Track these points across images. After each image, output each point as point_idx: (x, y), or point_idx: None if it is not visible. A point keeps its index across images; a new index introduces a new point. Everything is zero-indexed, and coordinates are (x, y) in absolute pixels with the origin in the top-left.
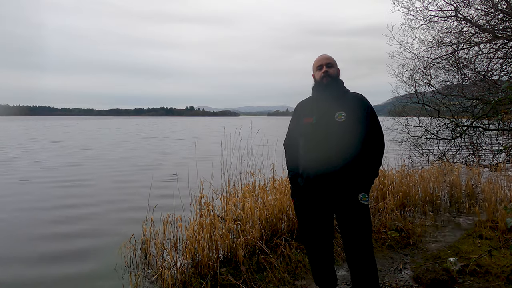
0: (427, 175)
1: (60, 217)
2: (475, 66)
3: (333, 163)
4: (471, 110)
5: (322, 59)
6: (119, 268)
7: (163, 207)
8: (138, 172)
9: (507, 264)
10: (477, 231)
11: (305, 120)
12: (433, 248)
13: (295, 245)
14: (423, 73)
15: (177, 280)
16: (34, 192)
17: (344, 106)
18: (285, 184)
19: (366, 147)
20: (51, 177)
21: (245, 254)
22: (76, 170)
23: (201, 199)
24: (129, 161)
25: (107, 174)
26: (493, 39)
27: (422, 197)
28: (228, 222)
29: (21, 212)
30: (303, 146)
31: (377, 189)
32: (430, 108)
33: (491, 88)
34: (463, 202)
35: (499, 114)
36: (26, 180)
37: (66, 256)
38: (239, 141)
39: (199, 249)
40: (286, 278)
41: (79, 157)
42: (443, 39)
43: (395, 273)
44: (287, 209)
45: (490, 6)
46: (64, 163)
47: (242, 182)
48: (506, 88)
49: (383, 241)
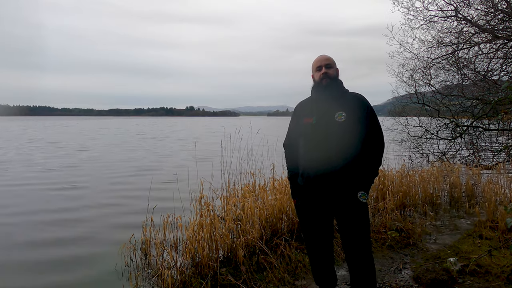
0: (427, 175)
1: (60, 218)
2: (475, 66)
3: (333, 163)
4: (471, 110)
5: (321, 60)
6: (119, 268)
7: (163, 208)
8: (138, 172)
9: (507, 264)
10: (477, 231)
11: (305, 121)
12: (433, 248)
13: (295, 245)
14: (423, 73)
15: (177, 280)
16: (31, 195)
17: (344, 106)
18: (285, 184)
19: (366, 147)
20: (49, 179)
21: (245, 254)
22: (74, 171)
23: (201, 199)
24: (128, 162)
25: (106, 176)
26: (493, 39)
27: (422, 197)
28: (228, 222)
29: (22, 214)
30: (303, 146)
31: (377, 189)
32: (430, 108)
33: (491, 88)
34: (463, 202)
35: (499, 114)
36: (27, 182)
37: (66, 256)
38: (239, 141)
39: (199, 249)
40: (286, 278)
41: (76, 158)
42: (443, 39)
43: (395, 273)
44: (287, 209)
45: (490, 6)
46: (63, 164)
47: (242, 182)
48: (506, 88)
49: (383, 241)
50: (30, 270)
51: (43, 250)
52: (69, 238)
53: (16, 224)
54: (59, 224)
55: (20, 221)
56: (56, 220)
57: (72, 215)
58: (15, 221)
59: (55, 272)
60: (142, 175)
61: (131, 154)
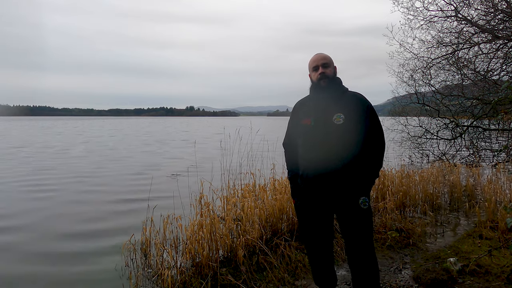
0: (427, 175)
1: (59, 219)
2: (475, 66)
3: (331, 164)
4: (471, 110)
5: (317, 59)
6: (119, 268)
7: (163, 207)
8: (138, 172)
9: (507, 264)
10: (477, 231)
11: (303, 122)
12: (433, 248)
13: (295, 245)
14: (423, 73)
15: (177, 280)
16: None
17: (342, 107)
18: (285, 184)
19: (366, 148)
20: (51, 178)
21: (245, 254)
22: (75, 168)
23: (201, 199)
24: (128, 162)
25: (107, 174)
26: (493, 39)
27: (422, 197)
28: (228, 222)
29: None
30: (302, 147)
31: (377, 189)
32: (430, 108)
33: (491, 88)
34: (463, 202)
35: (499, 114)
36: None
37: (65, 256)
38: (239, 141)
39: (199, 249)
40: (286, 278)
41: (78, 157)
42: (443, 39)
43: (395, 273)
44: (287, 209)
45: (490, 6)
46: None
47: (242, 182)
48: (506, 88)
49: (383, 241)
50: (31, 264)
51: (43, 246)
52: (69, 238)
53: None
54: (62, 222)
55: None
56: (59, 218)
57: (75, 212)
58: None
59: (55, 272)
60: (143, 174)
61: (131, 154)
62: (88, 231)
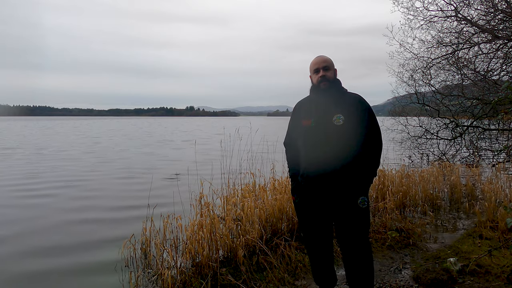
0: (427, 175)
1: (59, 219)
2: (475, 66)
3: (331, 164)
4: (471, 110)
5: (319, 62)
6: (119, 268)
7: (163, 207)
8: (138, 172)
9: (507, 264)
10: (477, 231)
11: (304, 123)
12: (433, 248)
13: (295, 245)
14: (423, 73)
15: (177, 280)
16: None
17: (342, 108)
18: (285, 184)
19: (364, 149)
20: (49, 178)
21: (245, 254)
22: (75, 171)
23: (201, 199)
24: (128, 162)
25: (106, 175)
26: (493, 39)
27: (422, 197)
28: (228, 222)
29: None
30: (302, 148)
31: (377, 189)
32: (430, 108)
33: (491, 88)
34: (463, 202)
35: (499, 114)
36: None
37: (65, 256)
38: (238, 141)
39: (199, 249)
40: (286, 278)
41: (77, 157)
42: (443, 39)
43: (395, 273)
44: (287, 209)
45: (490, 6)
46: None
47: (242, 182)
48: (506, 88)
49: (383, 241)
50: (30, 269)
51: (43, 251)
52: (69, 238)
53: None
54: (58, 225)
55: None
56: (59, 218)
57: (75, 212)
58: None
59: (54, 272)
60: (142, 174)
61: (131, 154)
62: (88, 231)
